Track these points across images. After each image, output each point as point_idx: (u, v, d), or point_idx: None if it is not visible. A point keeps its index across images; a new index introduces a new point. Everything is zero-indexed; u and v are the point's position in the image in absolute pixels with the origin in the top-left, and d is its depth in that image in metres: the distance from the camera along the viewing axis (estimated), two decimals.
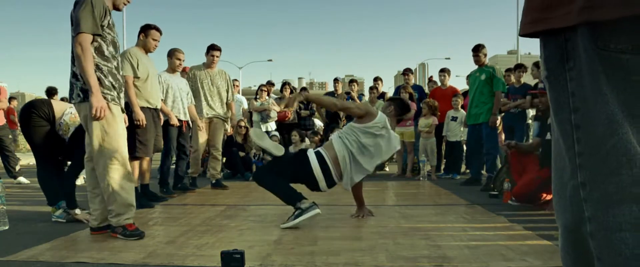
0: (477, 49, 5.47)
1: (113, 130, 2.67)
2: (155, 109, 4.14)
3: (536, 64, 5.53)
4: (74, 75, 2.67)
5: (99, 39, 2.64)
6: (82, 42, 2.53)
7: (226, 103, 5.37)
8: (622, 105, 0.78)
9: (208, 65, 5.24)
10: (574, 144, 0.85)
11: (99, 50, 2.65)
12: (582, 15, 0.79)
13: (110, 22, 2.72)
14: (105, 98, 2.63)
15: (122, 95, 2.83)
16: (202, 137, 5.17)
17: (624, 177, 0.79)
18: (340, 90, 7.58)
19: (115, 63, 2.76)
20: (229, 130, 6.39)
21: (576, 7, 0.79)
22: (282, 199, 3.17)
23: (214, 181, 5.34)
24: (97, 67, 2.63)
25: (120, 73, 2.84)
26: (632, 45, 0.76)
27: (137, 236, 2.70)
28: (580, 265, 0.90)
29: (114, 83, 2.72)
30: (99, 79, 2.62)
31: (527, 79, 6.34)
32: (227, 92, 5.36)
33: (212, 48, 5.24)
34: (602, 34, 0.78)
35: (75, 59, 2.59)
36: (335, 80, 7.66)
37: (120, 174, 2.69)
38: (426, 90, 7.89)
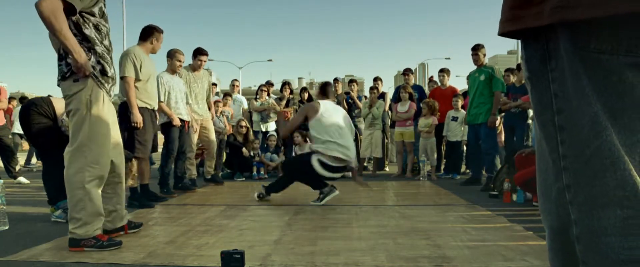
0: (477, 49, 5.46)
1: (99, 132, 2.49)
2: (153, 110, 4.14)
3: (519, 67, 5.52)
4: (67, 64, 2.44)
5: (95, 32, 2.51)
6: (48, 2, 2.24)
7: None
8: (604, 106, 0.78)
9: (195, 68, 5.29)
10: (558, 146, 0.84)
11: (99, 40, 2.54)
12: (554, 15, 0.78)
13: (104, 12, 2.58)
14: (100, 88, 2.49)
15: (114, 89, 2.72)
16: (194, 137, 5.23)
17: (608, 180, 0.78)
18: (340, 90, 7.57)
19: (112, 54, 2.65)
20: (228, 129, 6.42)
21: (549, 6, 0.79)
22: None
23: (208, 177, 5.49)
24: (102, 57, 2.52)
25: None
26: (611, 46, 0.75)
27: (116, 246, 2.49)
28: None
29: (114, 75, 2.64)
30: (103, 68, 2.52)
31: None
32: (208, 91, 5.46)
33: (200, 53, 5.29)
34: (582, 34, 0.77)
35: (43, 21, 2.28)
36: (335, 80, 7.66)
37: (96, 181, 2.49)
38: (426, 90, 7.88)
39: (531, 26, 0.82)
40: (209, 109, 5.51)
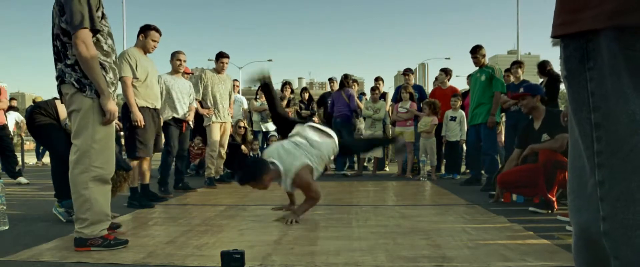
0: (475, 51, 5.44)
1: (104, 134, 2.48)
2: (155, 109, 4.14)
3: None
4: (67, 65, 2.44)
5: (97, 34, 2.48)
6: (85, 39, 2.33)
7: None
8: None
9: (218, 71, 5.53)
10: (593, 143, 0.86)
11: (97, 45, 2.45)
12: (613, 20, 0.80)
13: (103, 13, 2.54)
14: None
15: (116, 91, 2.71)
16: (216, 135, 5.39)
17: None
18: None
19: (113, 57, 2.61)
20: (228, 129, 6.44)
21: (607, 10, 0.81)
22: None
23: (217, 177, 5.58)
24: (101, 66, 2.46)
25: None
26: None
27: (123, 244, 2.49)
28: (594, 265, 0.91)
29: (113, 79, 2.58)
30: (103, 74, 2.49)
31: (532, 78, 6.29)
32: (230, 96, 5.70)
33: (222, 56, 5.53)
34: (628, 35, 0.80)
35: (79, 59, 2.38)
36: (330, 80, 7.68)
37: (100, 182, 2.47)
38: (431, 88, 7.89)
39: (588, 29, 0.84)
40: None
